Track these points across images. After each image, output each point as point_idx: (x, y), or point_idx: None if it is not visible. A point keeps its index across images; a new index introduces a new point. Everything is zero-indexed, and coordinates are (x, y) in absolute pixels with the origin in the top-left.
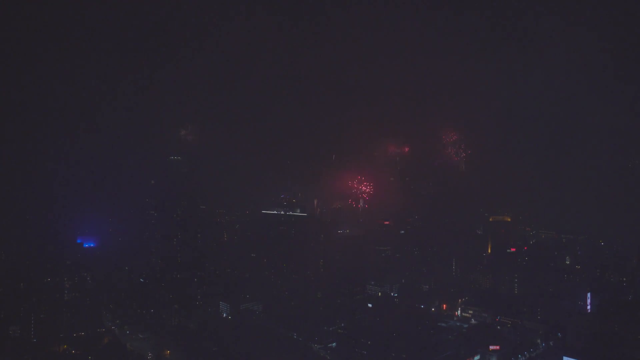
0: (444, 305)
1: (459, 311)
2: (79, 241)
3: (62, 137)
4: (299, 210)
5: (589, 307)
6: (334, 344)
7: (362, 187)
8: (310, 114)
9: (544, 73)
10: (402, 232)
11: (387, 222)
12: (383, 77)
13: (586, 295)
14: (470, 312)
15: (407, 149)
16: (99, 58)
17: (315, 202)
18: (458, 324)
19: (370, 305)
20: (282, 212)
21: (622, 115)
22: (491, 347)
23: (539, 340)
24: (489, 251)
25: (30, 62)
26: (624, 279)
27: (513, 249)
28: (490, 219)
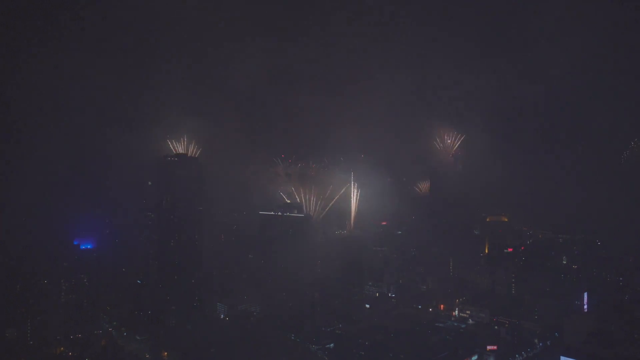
0: (442, 306)
1: (457, 311)
2: (75, 243)
3: (59, 138)
4: (296, 211)
5: (586, 306)
6: (331, 345)
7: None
8: (309, 113)
9: (542, 73)
10: (399, 232)
11: (384, 223)
12: (380, 77)
13: (583, 295)
14: (467, 312)
15: (404, 149)
16: (97, 59)
17: (312, 202)
18: (455, 324)
19: (367, 305)
20: (280, 213)
21: (619, 115)
22: (489, 347)
23: (536, 340)
24: (486, 251)
25: (28, 63)
26: (621, 279)
27: (510, 249)
28: (488, 219)
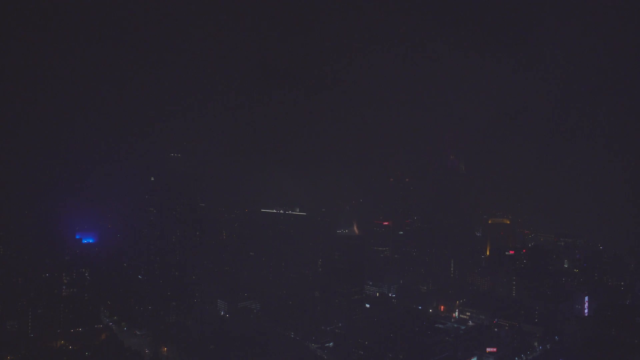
0: (442, 307)
1: (457, 313)
2: (77, 237)
3: (62, 134)
4: (298, 210)
5: (586, 310)
6: (331, 344)
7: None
8: (310, 113)
9: (544, 75)
10: (401, 233)
11: (386, 223)
12: (381, 77)
13: (584, 299)
14: (467, 313)
15: (407, 150)
16: (99, 57)
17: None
18: (455, 325)
19: (367, 305)
20: (281, 211)
21: (621, 119)
22: (488, 349)
23: (536, 343)
24: (488, 253)
25: (30, 62)
26: (622, 283)
27: (511, 252)
28: (489, 221)
